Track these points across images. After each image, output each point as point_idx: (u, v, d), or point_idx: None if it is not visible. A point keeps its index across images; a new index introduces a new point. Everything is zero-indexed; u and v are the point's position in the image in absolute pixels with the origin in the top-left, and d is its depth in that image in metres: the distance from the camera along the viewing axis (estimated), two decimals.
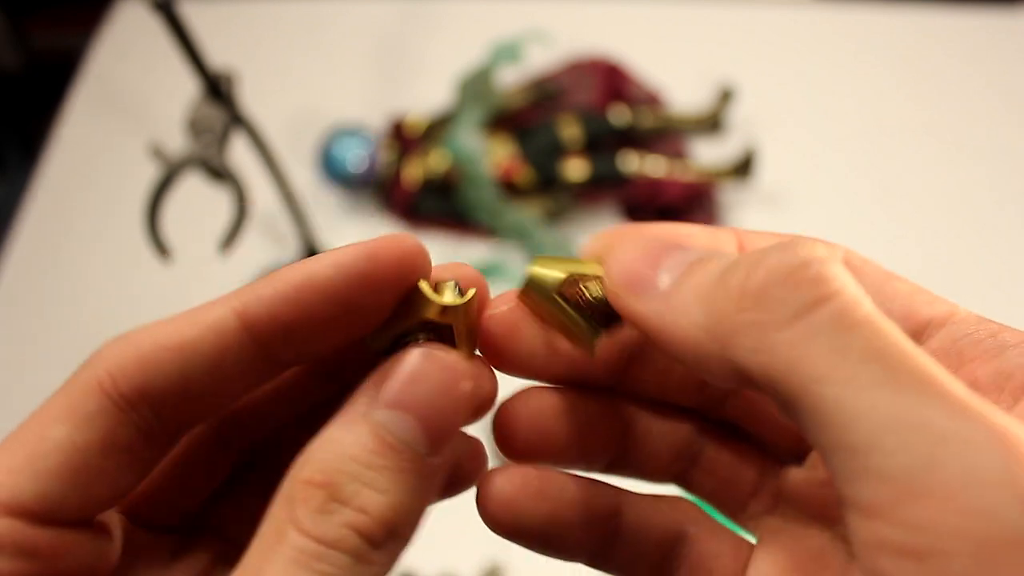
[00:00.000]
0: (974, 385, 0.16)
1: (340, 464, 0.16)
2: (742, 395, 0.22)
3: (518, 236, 0.73)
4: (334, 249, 0.18)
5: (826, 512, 0.20)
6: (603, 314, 0.19)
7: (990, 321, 0.17)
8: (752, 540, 0.22)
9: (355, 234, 0.76)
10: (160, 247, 0.55)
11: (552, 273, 0.19)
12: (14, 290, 0.75)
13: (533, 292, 0.19)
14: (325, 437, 0.17)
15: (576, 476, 0.21)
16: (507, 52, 0.76)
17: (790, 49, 0.89)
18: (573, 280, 0.19)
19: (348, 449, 0.16)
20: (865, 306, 0.14)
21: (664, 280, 0.17)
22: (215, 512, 0.22)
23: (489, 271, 0.71)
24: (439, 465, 0.17)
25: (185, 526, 0.22)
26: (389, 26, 0.91)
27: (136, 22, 0.91)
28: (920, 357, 0.14)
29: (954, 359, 0.17)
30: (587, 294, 0.19)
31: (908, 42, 0.89)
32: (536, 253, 0.72)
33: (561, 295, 0.19)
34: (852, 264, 0.18)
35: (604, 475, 0.22)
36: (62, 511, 0.17)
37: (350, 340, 0.19)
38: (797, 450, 0.22)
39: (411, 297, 0.19)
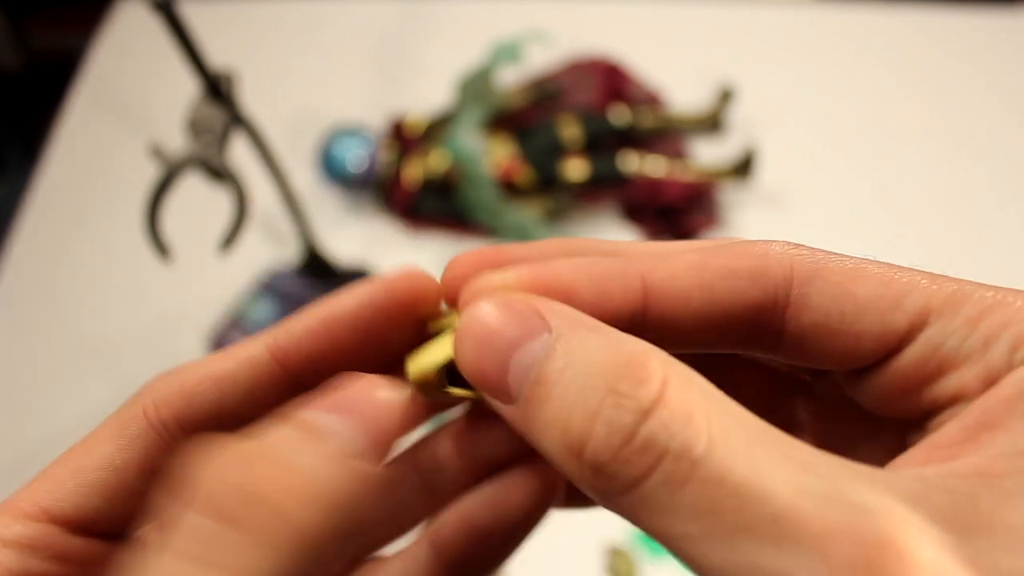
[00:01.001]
0: (964, 395, 0.17)
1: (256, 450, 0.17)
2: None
3: (518, 236, 0.73)
4: (356, 286, 0.20)
5: (830, 440, 0.21)
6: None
7: (973, 302, 0.17)
8: None
9: (355, 234, 0.76)
10: (160, 247, 0.55)
11: (428, 368, 0.19)
12: (14, 290, 0.75)
13: (423, 394, 0.19)
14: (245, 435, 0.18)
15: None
16: (507, 52, 0.76)
17: (790, 49, 0.89)
18: (451, 364, 0.19)
19: (269, 440, 0.16)
20: (695, 452, 0.15)
21: (514, 386, 0.17)
22: None
23: None
24: (382, 479, 0.18)
25: None
26: (389, 26, 0.91)
27: (136, 22, 0.91)
28: (752, 496, 0.14)
29: (938, 368, 0.17)
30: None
31: (908, 42, 0.89)
32: None
33: (451, 382, 0.19)
34: (805, 277, 0.18)
35: None
36: (97, 523, 0.18)
37: (372, 368, 0.20)
38: (809, 374, 0.22)
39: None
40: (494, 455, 0.21)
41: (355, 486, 0.16)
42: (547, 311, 0.17)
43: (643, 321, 0.18)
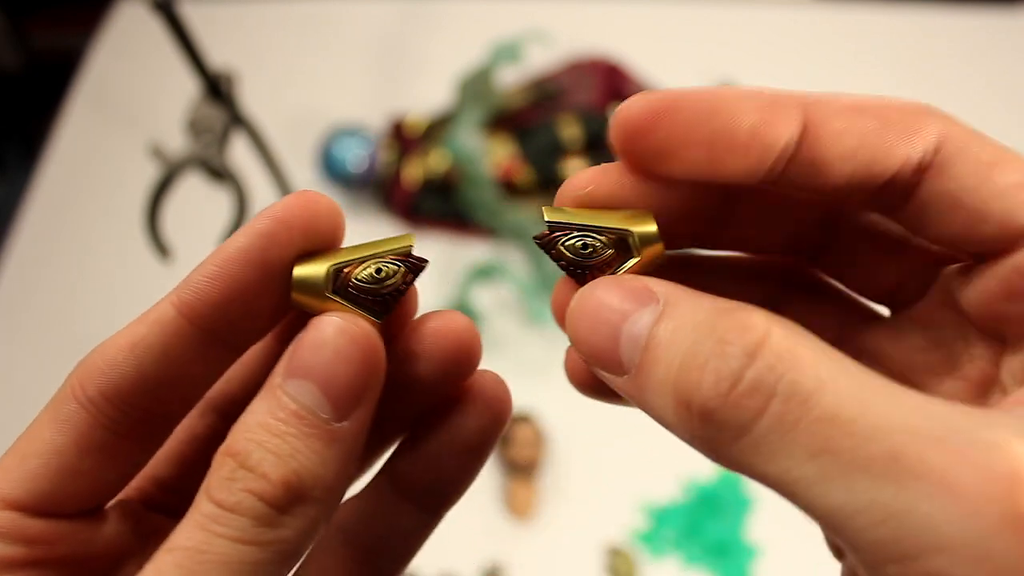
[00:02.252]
0: None
1: (249, 433, 0.17)
2: (832, 252, 0.22)
3: (518, 236, 0.73)
4: (243, 228, 0.19)
5: (908, 375, 0.21)
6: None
7: None
8: None
9: (355, 234, 0.76)
10: (160, 247, 0.55)
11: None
12: (14, 290, 0.75)
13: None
14: (247, 409, 0.18)
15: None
16: (507, 52, 0.76)
17: (790, 49, 0.89)
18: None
19: (258, 418, 0.18)
20: (805, 391, 0.15)
21: (626, 357, 0.17)
22: None
23: (488, 271, 0.71)
24: (350, 430, 0.18)
25: None
26: (389, 26, 0.91)
27: (136, 22, 0.91)
28: (866, 433, 0.14)
29: None
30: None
31: (908, 42, 0.89)
32: (536, 253, 0.72)
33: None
34: (955, 146, 0.18)
35: None
36: (51, 504, 0.19)
37: (284, 306, 0.20)
38: (892, 301, 0.22)
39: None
40: (430, 382, 0.21)
41: (336, 450, 0.18)
42: (653, 284, 0.18)
43: (796, 155, 0.18)
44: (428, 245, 0.76)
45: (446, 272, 0.73)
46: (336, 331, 0.18)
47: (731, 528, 0.62)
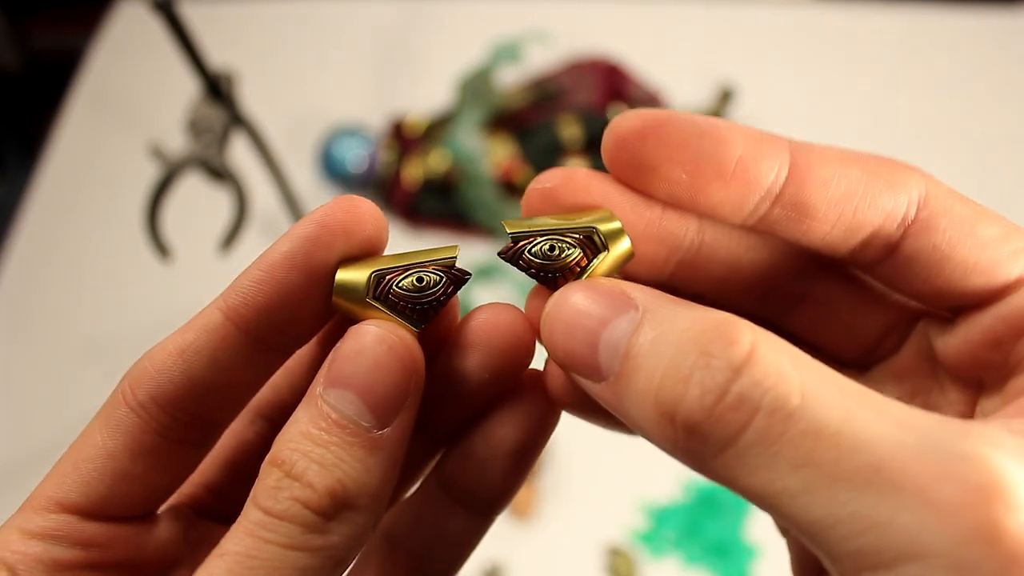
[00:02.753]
0: None
1: (293, 443, 0.18)
2: (806, 307, 0.22)
3: None
4: (290, 229, 0.20)
5: None
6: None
7: None
8: None
9: None
10: (160, 247, 0.55)
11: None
12: (14, 290, 0.75)
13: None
14: (291, 419, 0.18)
15: None
16: (507, 52, 0.76)
17: (790, 49, 0.89)
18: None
19: (301, 427, 0.18)
20: (789, 405, 0.15)
21: (604, 363, 0.17)
22: None
23: (488, 271, 0.71)
24: (392, 437, 0.18)
25: None
26: (389, 26, 0.91)
27: (136, 22, 0.92)
28: (849, 446, 0.14)
29: None
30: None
31: (908, 42, 0.89)
32: None
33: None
34: (938, 203, 0.19)
35: None
36: (105, 508, 0.19)
37: (330, 311, 0.20)
38: (865, 359, 0.22)
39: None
40: (476, 388, 0.21)
41: (378, 459, 0.18)
42: (632, 290, 0.18)
43: (780, 196, 0.19)
44: (428, 245, 0.75)
45: None
46: (374, 340, 0.18)
47: (731, 528, 0.62)
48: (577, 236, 0.19)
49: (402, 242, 0.76)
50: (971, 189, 0.68)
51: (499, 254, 0.20)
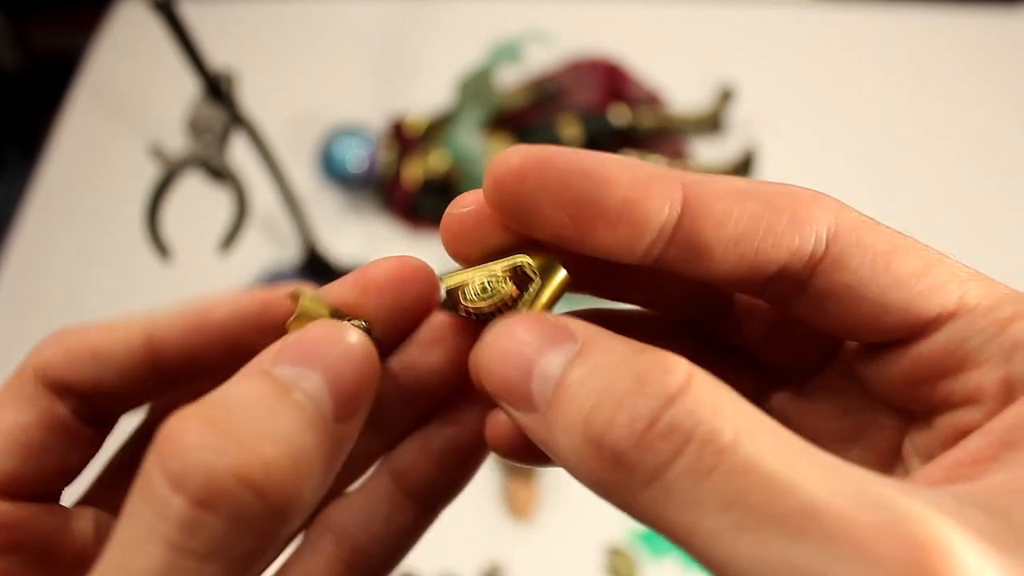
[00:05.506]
0: (979, 397, 0.16)
1: (235, 404, 0.16)
2: (734, 314, 0.22)
3: None
4: (233, 291, 0.20)
5: (819, 442, 0.21)
6: (485, 316, 0.19)
7: (1007, 303, 0.17)
8: None
9: (355, 234, 0.76)
10: (160, 247, 0.55)
11: (445, 284, 0.20)
12: (14, 290, 0.75)
13: (448, 307, 0.20)
14: (220, 387, 0.16)
15: None
16: (507, 52, 0.76)
17: (790, 49, 0.89)
18: (452, 292, 0.19)
19: (245, 393, 0.16)
20: (722, 440, 0.14)
21: (537, 393, 0.17)
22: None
23: None
24: (346, 435, 0.17)
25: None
26: (389, 26, 0.91)
27: (136, 22, 0.91)
28: (782, 488, 0.14)
29: (958, 363, 0.17)
30: (465, 303, 0.19)
31: (908, 42, 0.89)
32: None
33: (458, 310, 0.20)
34: (849, 237, 0.17)
35: None
36: (18, 483, 0.19)
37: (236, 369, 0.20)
38: (799, 370, 0.22)
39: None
40: (433, 386, 0.21)
41: (328, 449, 0.16)
42: (573, 324, 0.17)
43: (673, 236, 0.17)
44: (428, 245, 0.76)
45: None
46: (342, 333, 0.18)
47: None
48: (508, 271, 0.19)
49: (402, 242, 0.76)
50: (971, 189, 0.68)
51: (439, 309, 0.20)
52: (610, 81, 0.81)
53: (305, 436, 0.16)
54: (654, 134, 0.79)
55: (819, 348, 0.21)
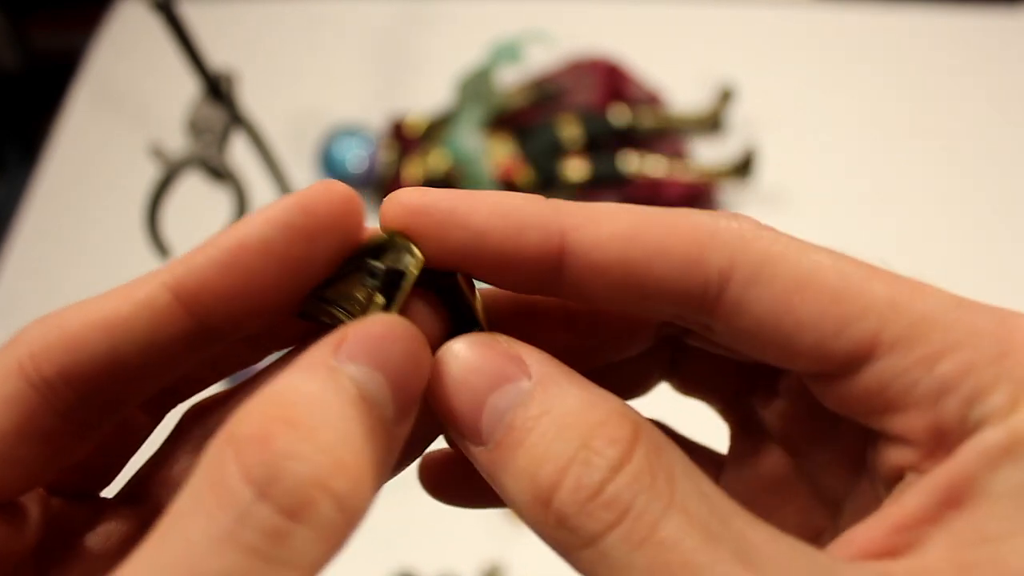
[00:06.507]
0: (910, 439, 0.16)
1: (306, 408, 0.14)
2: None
3: None
4: (264, 206, 0.17)
5: (793, 440, 0.21)
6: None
7: (932, 333, 0.15)
8: None
9: None
10: (160, 247, 0.55)
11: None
12: (14, 290, 0.75)
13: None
14: (283, 383, 0.15)
15: None
16: (507, 52, 0.76)
17: (790, 49, 0.89)
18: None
19: (315, 393, 0.15)
20: (655, 513, 0.15)
21: (486, 428, 0.17)
22: (150, 478, 0.21)
23: None
24: (401, 438, 0.16)
25: (98, 489, 0.21)
26: (389, 26, 0.91)
27: (136, 22, 0.91)
28: (701, 570, 0.14)
29: (886, 403, 0.16)
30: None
31: (908, 42, 0.89)
32: None
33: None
34: (745, 277, 0.16)
35: None
36: None
37: (291, 305, 0.18)
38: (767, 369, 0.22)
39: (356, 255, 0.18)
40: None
41: (388, 455, 0.16)
42: (528, 356, 0.17)
43: (556, 277, 0.17)
44: None
45: None
46: (407, 330, 0.16)
47: None
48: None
49: None
50: (971, 188, 0.68)
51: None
52: (610, 81, 0.81)
53: (374, 443, 0.15)
54: (654, 134, 0.79)
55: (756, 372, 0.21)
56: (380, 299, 0.18)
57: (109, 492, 0.21)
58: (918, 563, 0.15)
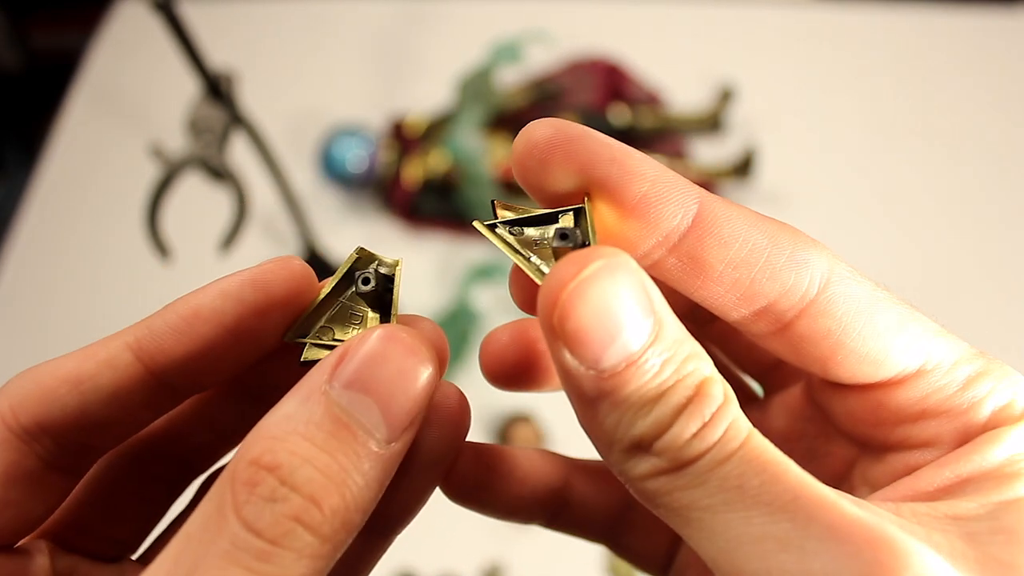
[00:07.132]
0: (937, 443, 0.18)
1: (291, 444, 0.16)
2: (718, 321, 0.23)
3: None
4: (220, 278, 0.18)
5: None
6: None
7: (966, 363, 0.18)
8: None
9: (355, 234, 0.76)
10: (160, 247, 0.55)
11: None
12: (14, 290, 0.75)
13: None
14: (275, 414, 0.16)
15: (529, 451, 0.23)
16: (507, 52, 0.76)
17: (790, 49, 0.89)
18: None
19: (299, 427, 0.16)
20: (741, 437, 0.16)
21: (609, 357, 0.16)
22: (168, 539, 0.22)
23: (488, 271, 0.71)
24: (397, 453, 0.17)
25: (127, 554, 0.22)
26: (389, 26, 0.91)
27: (136, 22, 0.91)
28: (778, 475, 0.16)
29: (920, 413, 0.18)
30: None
31: (908, 42, 0.89)
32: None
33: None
34: (839, 285, 0.18)
35: None
36: None
37: (247, 364, 0.19)
38: (763, 384, 0.23)
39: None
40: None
41: (381, 475, 0.16)
42: (655, 300, 0.17)
43: (677, 245, 0.18)
44: (428, 245, 0.76)
45: (445, 272, 0.73)
46: (400, 346, 0.17)
47: None
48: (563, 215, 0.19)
49: (403, 242, 0.76)
50: (971, 188, 0.68)
51: (481, 223, 0.20)
52: (610, 81, 0.81)
53: (358, 467, 0.16)
54: (654, 134, 0.79)
55: (787, 372, 0.22)
56: (373, 314, 0.20)
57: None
58: (943, 507, 0.17)
